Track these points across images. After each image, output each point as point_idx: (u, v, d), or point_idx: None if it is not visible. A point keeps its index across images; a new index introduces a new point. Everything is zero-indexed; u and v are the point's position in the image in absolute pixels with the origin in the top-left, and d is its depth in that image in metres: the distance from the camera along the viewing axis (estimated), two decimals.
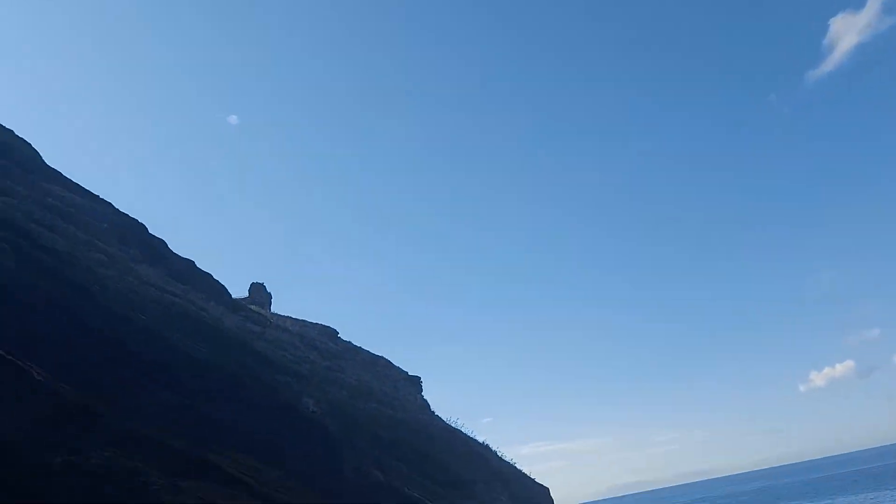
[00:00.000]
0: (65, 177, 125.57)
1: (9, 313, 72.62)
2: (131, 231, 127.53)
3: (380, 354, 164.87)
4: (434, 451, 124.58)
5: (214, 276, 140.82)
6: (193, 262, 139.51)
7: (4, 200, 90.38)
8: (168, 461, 76.24)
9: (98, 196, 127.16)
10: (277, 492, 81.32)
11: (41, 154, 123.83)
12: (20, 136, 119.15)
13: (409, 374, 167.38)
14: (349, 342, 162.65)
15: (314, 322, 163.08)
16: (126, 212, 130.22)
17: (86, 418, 73.60)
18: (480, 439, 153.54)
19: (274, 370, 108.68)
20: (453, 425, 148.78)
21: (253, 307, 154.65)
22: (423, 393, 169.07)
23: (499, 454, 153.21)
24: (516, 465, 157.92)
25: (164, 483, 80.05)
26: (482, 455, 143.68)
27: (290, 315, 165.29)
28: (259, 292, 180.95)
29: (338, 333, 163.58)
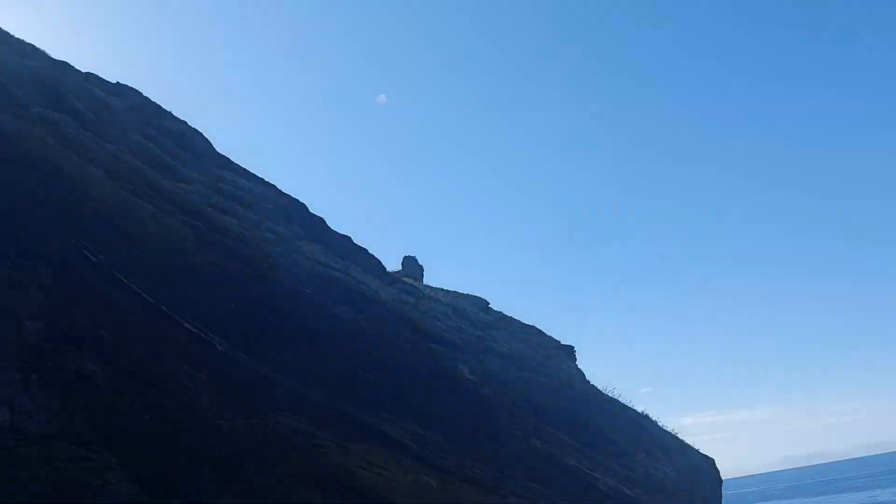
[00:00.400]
0: (234, 162, 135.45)
1: (191, 290, 79.75)
2: (294, 210, 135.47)
3: (531, 324, 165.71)
4: (591, 420, 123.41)
5: (370, 251, 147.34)
6: (350, 238, 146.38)
7: (183, 187, 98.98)
8: (337, 425, 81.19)
9: (263, 179, 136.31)
10: (438, 456, 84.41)
11: (212, 142, 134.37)
12: (193, 126, 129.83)
13: (562, 343, 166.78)
14: (500, 312, 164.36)
15: (465, 293, 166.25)
16: (288, 193, 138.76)
17: (263, 385, 79.85)
18: (639, 409, 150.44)
19: (429, 339, 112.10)
20: (610, 395, 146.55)
21: (406, 279, 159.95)
22: (576, 362, 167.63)
23: (659, 424, 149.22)
24: (678, 435, 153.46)
25: (334, 445, 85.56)
26: (642, 424, 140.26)
27: (441, 287, 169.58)
28: (411, 265, 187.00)
29: (489, 304, 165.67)
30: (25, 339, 74.29)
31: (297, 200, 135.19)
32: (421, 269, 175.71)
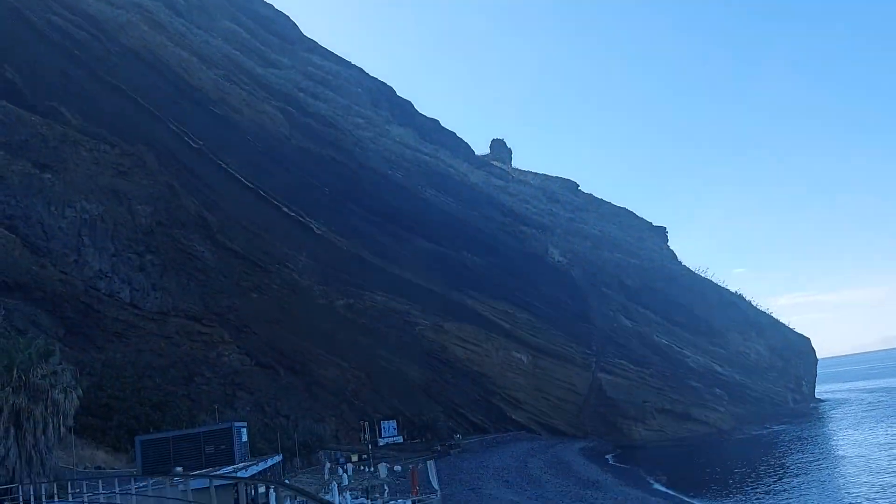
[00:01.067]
0: (321, 46, 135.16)
1: (287, 174, 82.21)
2: (382, 94, 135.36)
3: (622, 206, 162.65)
4: (682, 299, 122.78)
5: (458, 135, 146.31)
6: (438, 121, 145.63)
7: (274, 72, 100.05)
8: (431, 304, 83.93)
9: (350, 62, 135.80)
10: (529, 334, 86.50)
11: (299, 26, 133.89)
12: (279, 9, 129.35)
13: (654, 224, 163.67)
14: (590, 194, 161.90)
15: (555, 175, 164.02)
16: (375, 76, 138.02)
17: (359, 266, 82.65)
18: (733, 289, 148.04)
19: (519, 221, 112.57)
20: (702, 275, 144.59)
21: (495, 163, 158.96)
22: (668, 243, 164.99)
23: (753, 304, 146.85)
24: (773, 315, 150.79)
25: (429, 323, 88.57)
26: (735, 304, 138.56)
27: (530, 170, 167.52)
28: (500, 148, 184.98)
29: (578, 186, 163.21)
30: (138, 222, 78.41)
31: (385, 84, 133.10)
32: (509, 151, 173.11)
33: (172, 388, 64.46)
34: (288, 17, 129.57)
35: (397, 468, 56.27)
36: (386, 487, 44.53)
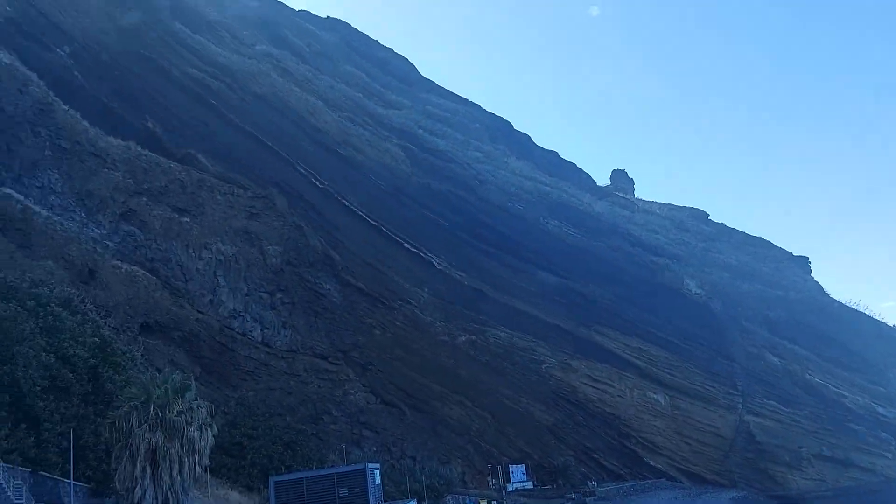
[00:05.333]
0: (438, 85, 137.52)
1: (408, 210, 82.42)
2: (499, 129, 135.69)
3: (757, 235, 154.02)
4: (835, 334, 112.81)
5: (577, 165, 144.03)
6: (557, 153, 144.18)
7: (394, 112, 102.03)
8: (557, 340, 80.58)
9: (467, 99, 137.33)
10: (666, 373, 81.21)
11: (417, 67, 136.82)
12: (398, 53, 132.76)
13: (794, 254, 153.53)
14: (721, 223, 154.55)
15: (681, 205, 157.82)
16: (492, 111, 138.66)
17: (480, 300, 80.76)
18: (890, 323, 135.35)
19: (649, 252, 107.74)
20: (854, 307, 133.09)
21: (618, 193, 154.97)
22: (811, 274, 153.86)
23: None
24: None
25: (555, 361, 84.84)
26: (894, 338, 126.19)
27: (654, 199, 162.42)
28: (621, 178, 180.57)
29: (708, 215, 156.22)
30: (269, 262, 79.81)
31: (502, 118, 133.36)
32: (631, 181, 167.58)
33: (302, 427, 64.71)
34: (406, 59, 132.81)
35: None
36: None
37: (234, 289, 72.41)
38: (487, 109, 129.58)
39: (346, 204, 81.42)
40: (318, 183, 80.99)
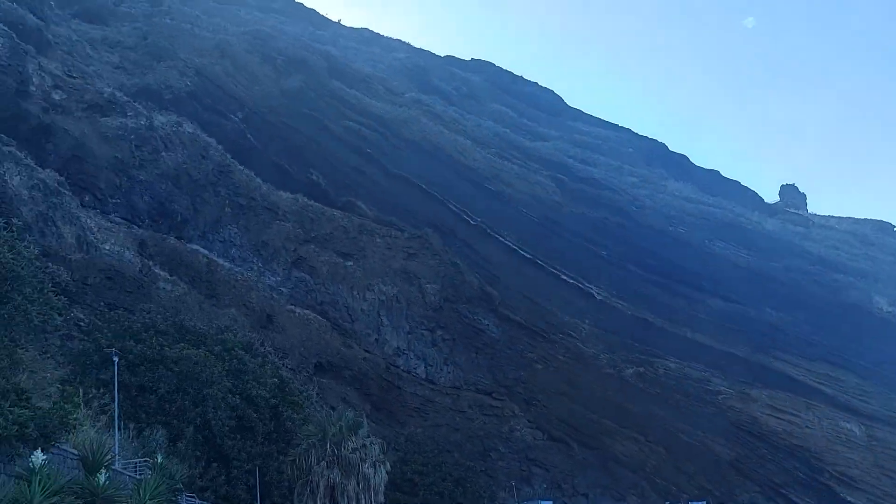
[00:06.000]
0: (586, 113, 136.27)
1: (562, 241, 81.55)
2: (654, 152, 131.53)
3: None
4: None
5: (742, 183, 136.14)
6: (718, 171, 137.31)
7: (543, 144, 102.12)
8: (732, 369, 75.71)
9: (617, 125, 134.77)
10: (859, 400, 73.60)
11: (563, 98, 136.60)
12: (543, 85, 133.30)
13: None
14: None
15: (863, 218, 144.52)
16: (645, 135, 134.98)
17: (645, 330, 77.85)
18: None
19: (831, 269, 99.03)
20: None
21: (789, 209, 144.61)
22: None
23: None
24: None
25: (733, 391, 79.52)
26: None
27: (830, 214, 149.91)
28: (791, 193, 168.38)
29: (894, 227, 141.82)
30: (428, 300, 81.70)
31: (656, 141, 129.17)
32: (803, 196, 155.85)
33: (470, 464, 65.03)
34: (552, 91, 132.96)
35: None
36: None
37: (396, 327, 74.88)
38: (639, 133, 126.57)
39: (500, 239, 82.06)
40: (470, 220, 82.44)
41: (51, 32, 68.26)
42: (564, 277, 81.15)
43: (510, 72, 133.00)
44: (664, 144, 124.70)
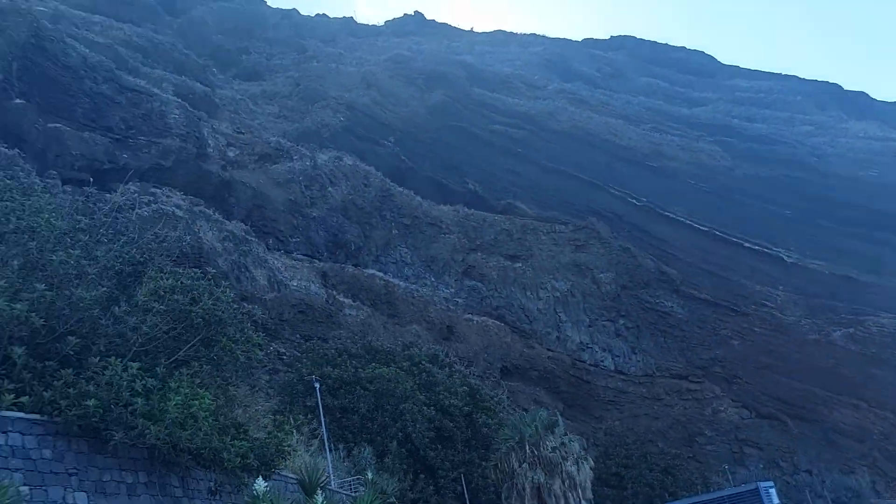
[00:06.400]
0: (743, 68, 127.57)
1: (738, 207, 76.83)
2: (826, 94, 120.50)
3: None
4: None
5: None
6: None
7: (701, 109, 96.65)
8: None
9: (779, 74, 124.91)
10: None
11: (715, 57, 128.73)
12: (691, 48, 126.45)
13: None
14: None
15: None
16: (813, 78, 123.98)
17: (849, 288, 71.32)
18: None
19: None
20: None
21: None
22: None
23: None
24: None
25: None
26: None
27: None
28: None
29: None
30: (604, 290, 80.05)
31: (827, 82, 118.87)
32: None
33: (676, 451, 62.56)
34: (702, 52, 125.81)
35: None
36: None
37: (576, 322, 73.71)
38: (806, 78, 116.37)
39: (671, 215, 78.40)
40: (635, 201, 79.51)
41: (217, 96, 74.76)
42: (748, 245, 76.01)
43: (653, 41, 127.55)
44: (837, 84, 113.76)
